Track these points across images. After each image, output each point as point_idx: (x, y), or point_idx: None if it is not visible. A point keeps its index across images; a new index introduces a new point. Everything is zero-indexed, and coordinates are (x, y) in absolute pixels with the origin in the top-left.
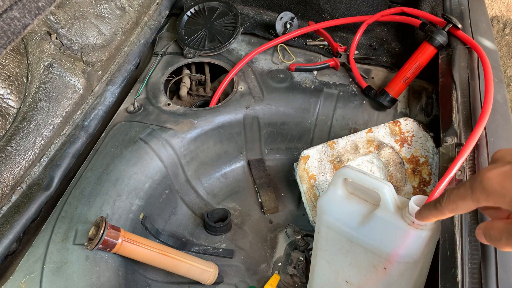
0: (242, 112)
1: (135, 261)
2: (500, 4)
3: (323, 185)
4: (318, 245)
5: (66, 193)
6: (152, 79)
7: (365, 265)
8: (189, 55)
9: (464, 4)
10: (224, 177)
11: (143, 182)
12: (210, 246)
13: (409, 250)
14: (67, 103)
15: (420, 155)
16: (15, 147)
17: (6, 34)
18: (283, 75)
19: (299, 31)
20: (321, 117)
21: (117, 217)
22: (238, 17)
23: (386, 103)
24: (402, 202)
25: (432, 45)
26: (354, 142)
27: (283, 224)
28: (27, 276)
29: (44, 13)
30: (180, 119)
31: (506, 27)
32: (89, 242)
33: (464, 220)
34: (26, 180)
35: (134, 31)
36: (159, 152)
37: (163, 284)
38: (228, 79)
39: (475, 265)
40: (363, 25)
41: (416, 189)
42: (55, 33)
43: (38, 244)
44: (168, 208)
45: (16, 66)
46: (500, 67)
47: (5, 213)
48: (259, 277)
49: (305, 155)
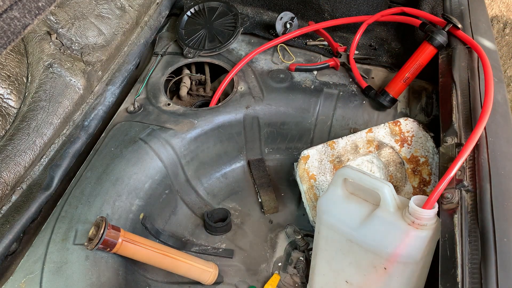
0: (242, 112)
1: (135, 261)
2: (500, 4)
3: (323, 185)
4: (318, 245)
5: (66, 193)
6: (152, 79)
7: (365, 265)
8: (189, 55)
9: (464, 4)
10: (224, 177)
11: (143, 182)
12: (210, 246)
13: (409, 250)
14: (67, 103)
15: (420, 155)
16: (15, 147)
17: (6, 34)
18: (283, 75)
19: (299, 31)
20: (321, 117)
21: (117, 217)
22: (238, 17)
23: (386, 103)
24: (402, 202)
25: (432, 45)
26: (354, 142)
27: (283, 224)
28: (27, 276)
29: (44, 13)
30: (180, 119)
31: (506, 27)
32: (89, 242)
33: (464, 220)
34: (26, 180)
35: (134, 31)
36: (159, 152)
37: (163, 284)
38: (228, 79)
39: (475, 265)
40: (363, 25)
41: (416, 189)
42: (55, 33)
43: (38, 244)
44: (168, 208)
45: (16, 66)
46: (500, 67)
47: (5, 213)
48: (259, 277)
49: (305, 155)
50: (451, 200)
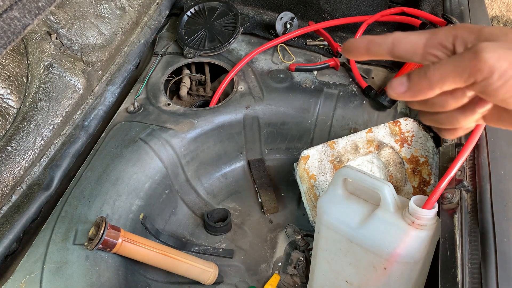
0: (242, 112)
1: (135, 261)
2: (500, 4)
3: (323, 185)
4: (318, 245)
5: (66, 193)
6: (152, 79)
7: (365, 265)
8: (189, 55)
9: (464, 4)
10: (224, 177)
11: (143, 182)
12: (210, 246)
13: (409, 250)
14: (67, 103)
15: (420, 155)
16: (15, 147)
17: (6, 34)
18: (283, 75)
19: (299, 31)
20: (321, 117)
21: (117, 217)
22: (238, 17)
23: (386, 103)
24: (402, 202)
25: None
26: (354, 142)
27: (283, 224)
28: (27, 276)
29: (44, 13)
30: (180, 119)
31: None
32: (89, 242)
33: (464, 220)
34: (26, 180)
35: (134, 31)
36: (159, 152)
37: (163, 284)
38: (228, 79)
39: (475, 265)
40: (363, 25)
41: (416, 189)
42: (55, 33)
43: (38, 244)
44: (168, 208)
45: (16, 66)
46: None
47: (5, 213)
48: (259, 277)
49: (305, 155)
50: (451, 200)
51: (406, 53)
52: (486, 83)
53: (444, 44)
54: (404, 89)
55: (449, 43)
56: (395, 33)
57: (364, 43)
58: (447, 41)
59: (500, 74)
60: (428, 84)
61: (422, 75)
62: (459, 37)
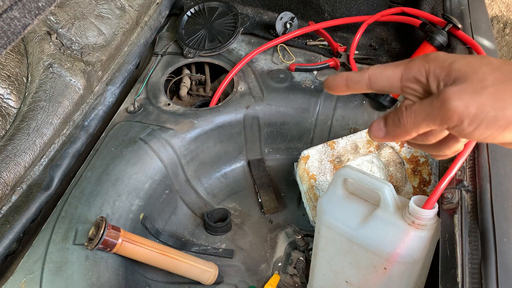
0: (242, 112)
1: (135, 261)
2: (500, 4)
3: (323, 185)
4: (318, 245)
5: (66, 193)
6: (152, 79)
7: (365, 265)
8: (189, 55)
9: (464, 4)
10: (224, 177)
11: (143, 182)
12: (210, 246)
13: (409, 250)
14: (67, 103)
15: (420, 155)
16: (15, 147)
17: (6, 34)
18: (283, 75)
19: (299, 31)
20: (321, 117)
21: (117, 217)
22: (238, 17)
23: (386, 103)
24: (402, 202)
25: (432, 45)
26: (354, 142)
27: (283, 224)
28: (27, 276)
29: (44, 13)
30: (180, 119)
31: (506, 27)
32: (89, 242)
33: (464, 220)
34: (26, 180)
35: (134, 31)
36: (159, 152)
37: (163, 284)
38: (228, 79)
39: (475, 265)
40: (363, 25)
41: (416, 189)
42: (55, 33)
43: (38, 244)
44: (168, 208)
45: (16, 66)
46: None
47: (5, 213)
48: (259, 277)
49: (305, 155)
50: (451, 200)
51: (383, 88)
52: (458, 129)
53: (418, 78)
54: (383, 134)
55: (423, 78)
56: (370, 69)
57: (342, 81)
58: (421, 76)
59: (470, 121)
60: (403, 130)
61: (396, 123)
62: (431, 72)
